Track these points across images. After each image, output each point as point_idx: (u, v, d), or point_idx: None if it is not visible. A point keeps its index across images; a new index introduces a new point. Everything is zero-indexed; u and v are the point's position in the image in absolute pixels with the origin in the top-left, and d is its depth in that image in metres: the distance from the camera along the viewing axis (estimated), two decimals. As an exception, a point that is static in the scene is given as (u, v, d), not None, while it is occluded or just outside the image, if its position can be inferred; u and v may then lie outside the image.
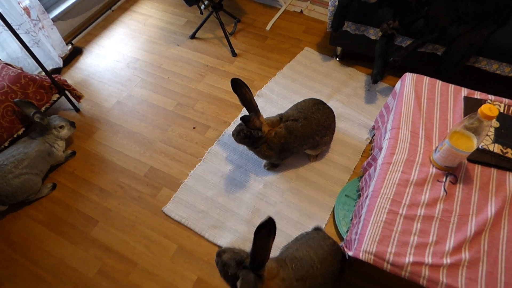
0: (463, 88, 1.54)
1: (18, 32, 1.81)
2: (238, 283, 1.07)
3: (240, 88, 1.61)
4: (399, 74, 1.73)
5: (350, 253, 1.23)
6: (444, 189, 1.26)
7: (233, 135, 1.73)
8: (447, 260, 1.12)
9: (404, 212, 1.23)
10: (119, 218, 1.83)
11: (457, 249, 1.14)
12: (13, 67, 2.00)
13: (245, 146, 1.80)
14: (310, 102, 1.77)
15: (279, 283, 1.20)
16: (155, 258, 1.69)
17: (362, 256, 1.17)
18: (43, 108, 2.02)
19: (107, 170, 2.01)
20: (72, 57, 2.62)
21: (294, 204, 1.82)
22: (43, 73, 2.03)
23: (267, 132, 1.67)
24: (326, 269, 1.27)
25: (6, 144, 1.88)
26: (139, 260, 1.69)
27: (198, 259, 1.68)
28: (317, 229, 1.54)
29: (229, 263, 1.18)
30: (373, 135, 1.92)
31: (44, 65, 1.98)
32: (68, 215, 1.85)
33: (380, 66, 2.04)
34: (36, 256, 1.72)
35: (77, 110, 2.29)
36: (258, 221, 1.72)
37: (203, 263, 1.66)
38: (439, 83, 1.57)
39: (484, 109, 1.05)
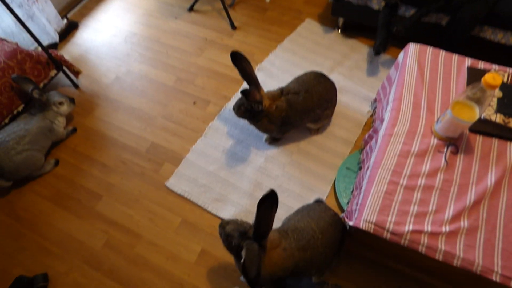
0: (466, 58, 1.52)
1: (11, 5, 1.77)
2: (243, 252, 1.10)
3: (240, 62, 1.59)
4: (402, 46, 1.70)
5: (351, 223, 1.25)
6: (445, 159, 1.27)
7: (233, 109, 1.72)
8: (446, 228, 1.15)
9: (404, 183, 1.24)
10: (122, 193, 1.85)
11: (456, 217, 1.17)
12: (9, 42, 1.96)
13: (246, 121, 1.80)
14: (311, 75, 1.75)
15: (280, 252, 1.23)
16: (159, 230, 1.73)
17: (362, 225, 1.19)
18: (41, 84, 2.00)
19: (108, 146, 2.02)
20: (68, 31, 2.57)
21: (295, 177, 1.84)
22: (39, 49, 2.00)
23: (268, 105, 1.67)
24: (327, 240, 1.30)
25: (6, 121, 1.88)
26: (144, 233, 1.72)
27: (202, 231, 1.71)
28: (318, 201, 1.56)
29: (233, 234, 1.21)
30: (375, 108, 1.91)
31: (39, 40, 1.95)
32: (72, 190, 1.87)
33: (383, 37, 2.01)
34: (43, 230, 1.76)
35: (76, 86, 2.27)
36: (260, 194, 1.75)
37: (206, 235, 1.70)
38: (442, 53, 1.55)
39: (487, 78, 1.04)
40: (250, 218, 1.69)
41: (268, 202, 1.09)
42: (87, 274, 1.63)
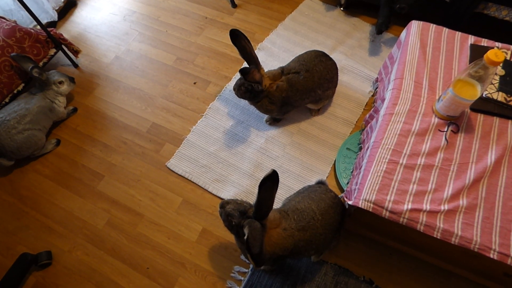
0: (470, 35, 1.49)
1: (8, -18, 1.74)
2: (246, 230, 1.11)
3: (240, 40, 1.57)
4: (405, 24, 1.66)
5: (350, 202, 1.26)
6: (445, 138, 1.27)
7: (234, 89, 1.70)
8: (444, 207, 1.15)
9: (404, 162, 1.24)
10: (124, 173, 1.86)
11: (455, 196, 1.17)
12: (7, 20, 1.94)
13: (246, 101, 1.79)
14: (312, 54, 1.72)
15: (280, 232, 1.25)
16: (161, 210, 1.75)
17: (361, 204, 1.20)
18: (41, 63, 1.98)
19: (109, 126, 2.02)
20: (67, 9, 2.53)
21: (295, 158, 1.84)
22: (38, 27, 1.98)
23: (268, 85, 1.65)
24: (326, 221, 1.31)
25: (7, 100, 1.88)
26: (146, 212, 1.74)
27: (203, 211, 1.73)
28: (319, 183, 1.56)
29: (233, 213, 1.22)
30: (376, 88, 1.89)
31: (38, 18, 1.92)
32: (74, 170, 1.88)
33: (386, 15, 1.97)
34: (46, 209, 1.78)
35: (75, 65, 2.25)
36: (260, 175, 1.76)
37: (207, 215, 1.72)
38: (445, 30, 1.52)
39: (490, 54, 1.02)
40: (251, 199, 1.71)
41: (270, 183, 1.10)
42: (90, 252, 1.66)
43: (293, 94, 1.69)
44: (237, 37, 1.56)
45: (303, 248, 1.29)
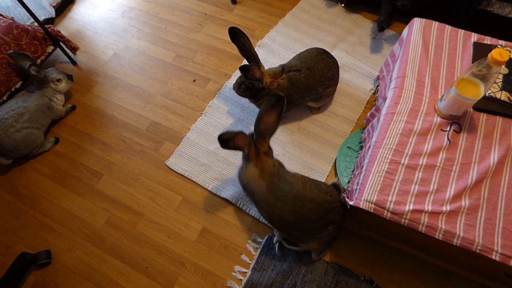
0: (473, 33, 1.47)
1: (4, -21, 1.71)
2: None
3: (239, 38, 1.55)
4: (407, 21, 1.64)
5: (351, 203, 1.25)
6: (448, 138, 1.25)
7: (234, 88, 1.69)
8: (446, 208, 1.14)
9: (406, 162, 1.23)
10: (123, 172, 1.85)
11: (457, 196, 1.16)
12: (4, 17, 1.92)
13: (246, 99, 1.77)
14: (313, 51, 1.71)
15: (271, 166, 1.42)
16: (160, 209, 1.74)
17: (363, 205, 1.19)
18: (38, 61, 1.96)
19: (108, 124, 2.01)
20: (64, 6, 2.51)
21: (296, 156, 1.82)
22: (36, 24, 1.95)
23: (269, 83, 1.64)
24: (297, 207, 1.30)
25: (4, 98, 1.86)
26: (145, 211, 1.73)
27: (203, 210, 1.72)
28: (335, 186, 1.46)
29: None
30: (378, 86, 1.87)
31: (35, 15, 1.90)
32: (73, 169, 1.87)
33: (387, 12, 1.94)
34: (44, 208, 1.77)
35: (73, 63, 2.23)
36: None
37: (207, 214, 1.71)
38: (448, 28, 1.50)
39: (494, 53, 1.00)
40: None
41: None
42: (89, 251, 1.65)
43: (294, 92, 1.67)
44: (236, 35, 1.54)
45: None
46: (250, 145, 1.37)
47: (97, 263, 1.62)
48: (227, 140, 1.33)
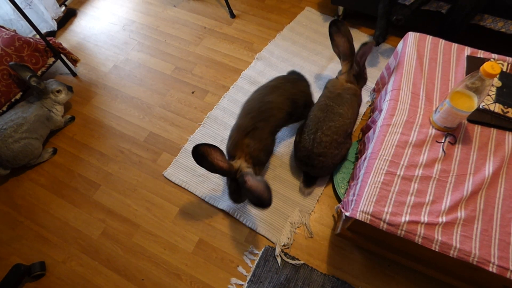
0: (466, 47, 1.50)
1: (8, -8, 1.75)
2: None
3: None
4: (402, 35, 1.67)
5: (347, 214, 1.25)
6: (443, 149, 1.26)
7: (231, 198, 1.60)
8: (442, 219, 1.14)
9: (401, 173, 1.23)
10: (120, 182, 1.85)
11: (453, 208, 1.16)
12: (6, 30, 1.95)
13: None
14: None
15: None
16: (157, 220, 1.73)
17: (359, 216, 1.19)
18: (39, 72, 1.98)
19: (106, 135, 2.01)
20: (66, 19, 2.55)
21: (292, 166, 1.83)
22: (38, 36, 1.98)
23: (239, 167, 1.50)
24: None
25: (4, 109, 1.87)
26: (142, 222, 1.73)
27: (199, 221, 1.71)
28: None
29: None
30: (373, 98, 1.89)
31: (38, 27, 1.93)
32: (70, 179, 1.87)
33: (383, 27, 1.98)
34: (40, 219, 1.76)
35: (74, 74, 2.25)
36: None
37: (204, 225, 1.70)
38: (442, 42, 1.53)
39: (486, 67, 1.02)
40: (248, 210, 1.70)
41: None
42: (85, 263, 1.64)
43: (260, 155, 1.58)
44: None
45: None
46: None
47: (92, 275, 1.61)
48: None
